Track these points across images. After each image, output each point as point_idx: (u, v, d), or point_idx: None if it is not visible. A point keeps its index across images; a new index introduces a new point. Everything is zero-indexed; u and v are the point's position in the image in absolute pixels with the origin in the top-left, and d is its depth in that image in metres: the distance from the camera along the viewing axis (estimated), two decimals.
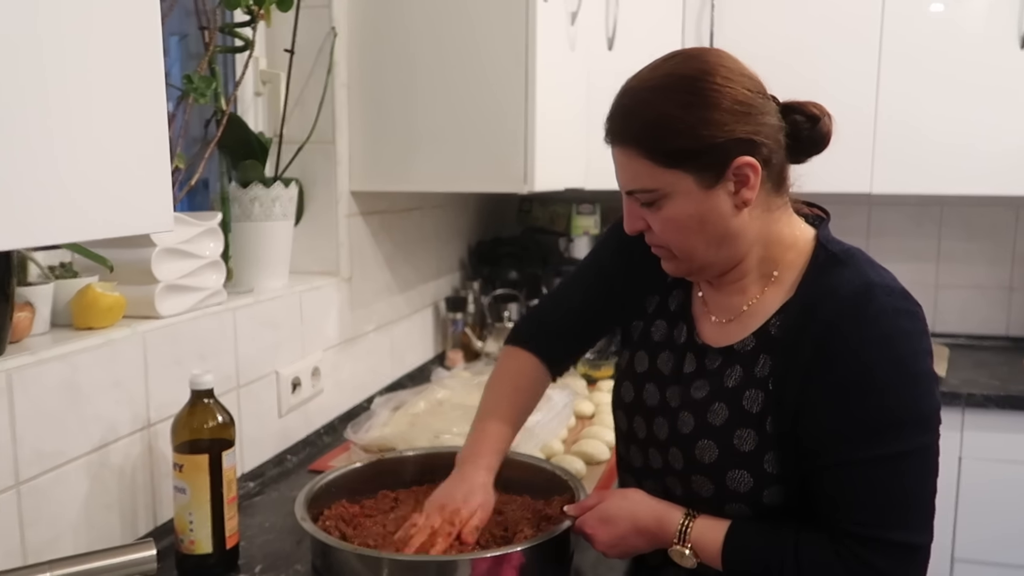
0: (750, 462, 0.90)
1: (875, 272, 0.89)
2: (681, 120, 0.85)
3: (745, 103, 0.86)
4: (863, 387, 0.84)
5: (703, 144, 0.85)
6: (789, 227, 0.94)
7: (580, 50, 1.99)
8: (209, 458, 1.02)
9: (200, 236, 1.25)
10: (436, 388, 1.72)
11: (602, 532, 0.98)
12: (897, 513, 0.84)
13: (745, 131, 0.86)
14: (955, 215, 2.52)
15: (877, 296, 0.85)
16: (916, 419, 0.84)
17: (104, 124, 0.52)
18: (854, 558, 0.84)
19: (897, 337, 0.84)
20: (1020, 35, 2.10)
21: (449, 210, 2.29)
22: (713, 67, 0.87)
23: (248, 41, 1.42)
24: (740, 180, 0.87)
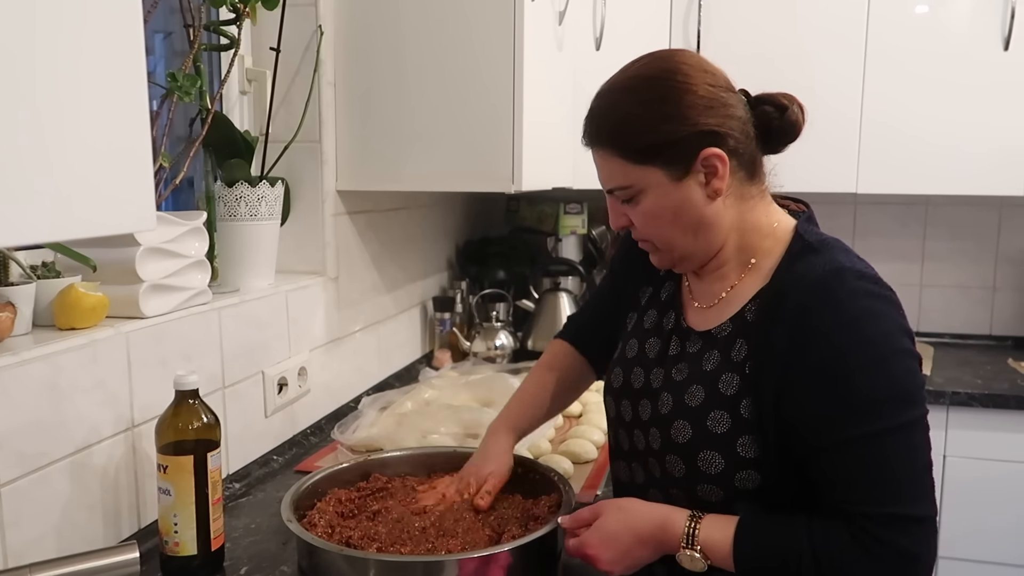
0: (723, 444, 0.91)
1: (847, 258, 0.90)
2: (644, 118, 0.90)
3: (706, 97, 0.90)
4: (839, 369, 0.85)
5: (667, 139, 0.90)
6: (767, 216, 0.97)
7: (567, 50, 1.99)
8: (194, 459, 1.01)
9: (185, 235, 1.24)
10: (424, 388, 1.71)
11: (604, 551, 0.94)
12: (895, 488, 0.84)
13: (708, 124, 0.89)
14: (939, 215, 2.54)
15: (847, 279, 0.86)
16: (898, 395, 0.85)
17: (86, 123, 0.52)
18: (869, 537, 0.83)
19: (868, 318, 0.85)
20: (1004, 36, 2.12)
21: (436, 210, 2.28)
22: (675, 65, 0.91)
23: (233, 39, 1.41)
24: (709, 171, 0.91)
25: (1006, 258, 2.50)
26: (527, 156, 1.60)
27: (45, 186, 0.49)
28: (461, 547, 1.02)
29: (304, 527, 1.03)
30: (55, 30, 0.50)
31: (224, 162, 1.44)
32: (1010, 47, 2.12)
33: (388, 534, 1.04)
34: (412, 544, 1.02)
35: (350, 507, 1.14)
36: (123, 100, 0.52)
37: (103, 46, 0.52)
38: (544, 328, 2.25)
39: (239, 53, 1.52)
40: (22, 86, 0.48)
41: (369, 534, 1.04)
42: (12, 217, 0.47)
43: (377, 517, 1.11)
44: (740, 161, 0.93)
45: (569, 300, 2.28)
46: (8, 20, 0.48)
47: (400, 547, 1.01)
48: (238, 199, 1.44)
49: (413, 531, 1.05)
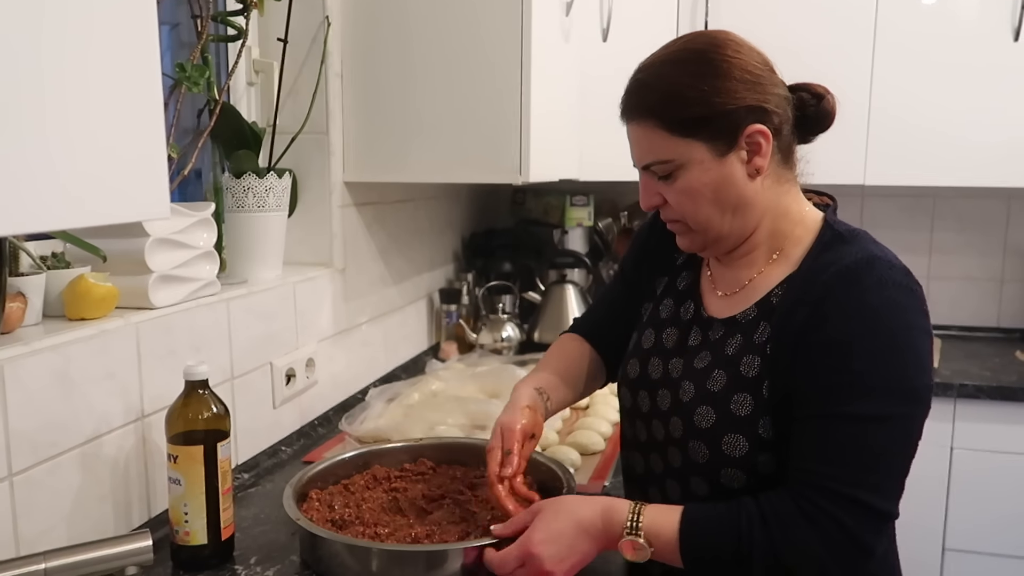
0: (745, 426, 0.90)
1: (879, 249, 0.90)
2: (694, 89, 0.88)
3: (754, 73, 0.90)
4: (852, 348, 0.84)
5: (715, 111, 0.88)
6: (797, 204, 0.97)
7: (574, 41, 1.98)
8: (204, 449, 1.02)
9: (193, 226, 1.24)
10: (430, 380, 1.72)
11: (548, 547, 0.89)
12: (868, 475, 0.83)
13: (755, 99, 0.89)
14: (947, 207, 2.53)
15: (877, 268, 0.86)
16: (902, 389, 0.84)
17: (100, 111, 0.52)
18: (818, 511, 0.82)
19: (890, 308, 0.85)
20: (1014, 27, 2.11)
21: (443, 201, 2.28)
22: (723, 41, 0.91)
23: (241, 30, 1.41)
24: (752, 148, 0.90)
25: (1014, 250, 2.49)
26: (534, 147, 1.60)
27: (58, 174, 0.49)
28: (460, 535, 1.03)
29: (309, 518, 1.04)
30: (67, 17, 0.50)
31: (232, 153, 1.44)
32: (1020, 37, 2.10)
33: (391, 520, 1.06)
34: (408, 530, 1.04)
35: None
36: (137, 87, 0.52)
37: (116, 33, 0.52)
38: (550, 320, 2.25)
39: (247, 44, 1.52)
40: (35, 73, 0.48)
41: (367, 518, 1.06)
42: (26, 205, 0.48)
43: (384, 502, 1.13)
44: (780, 143, 0.92)
45: (575, 292, 2.28)
46: (20, 6, 0.48)
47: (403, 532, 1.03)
48: (246, 190, 1.44)
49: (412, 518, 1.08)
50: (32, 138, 0.47)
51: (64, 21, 0.50)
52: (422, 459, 1.27)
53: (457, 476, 1.21)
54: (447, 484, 1.19)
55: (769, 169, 0.92)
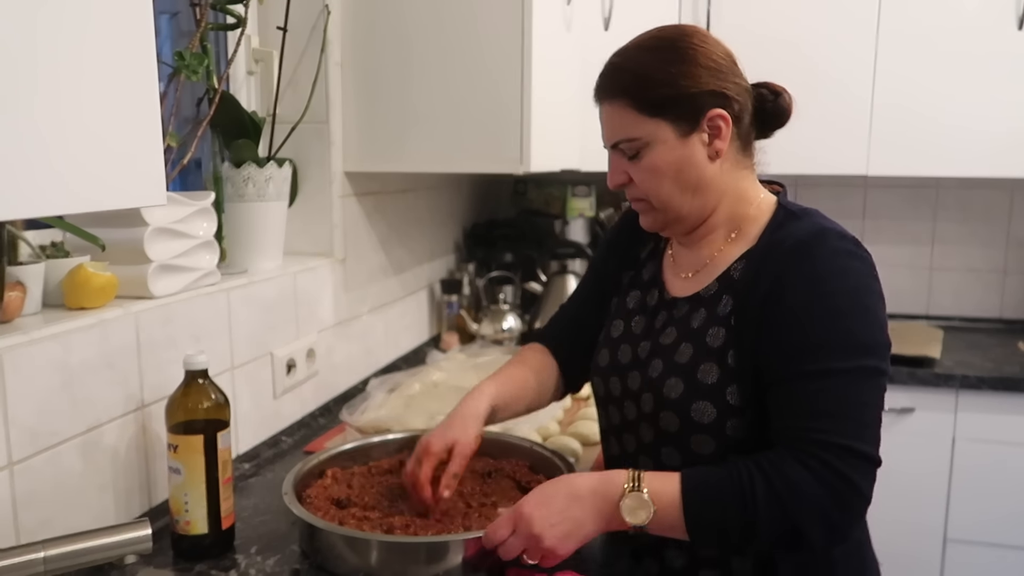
0: (713, 394, 0.94)
1: (828, 222, 0.96)
2: (663, 71, 0.95)
3: (718, 63, 0.96)
4: (812, 312, 0.90)
5: (681, 93, 0.95)
6: (754, 188, 1.03)
7: (576, 30, 1.97)
8: (204, 439, 1.01)
9: (193, 216, 1.24)
10: (431, 370, 1.71)
11: (536, 511, 0.88)
12: (850, 423, 0.87)
13: (718, 85, 0.96)
14: (950, 197, 2.52)
15: (829, 238, 0.93)
16: (860, 343, 0.89)
17: (95, 97, 0.51)
18: (820, 464, 0.85)
19: (843, 273, 0.91)
20: (1018, 16, 2.09)
21: (444, 192, 2.28)
22: (691, 32, 0.98)
23: (240, 18, 1.40)
24: (713, 131, 0.96)
25: (1017, 241, 2.48)
26: (535, 137, 1.59)
27: (54, 160, 0.49)
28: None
29: (307, 509, 1.04)
30: (62, 2, 0.49)
31: (232, 142, 1.44)
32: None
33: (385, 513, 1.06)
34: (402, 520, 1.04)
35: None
36: (132, 73, 0.52)
37: (112, 18, 0.51)
38: (552, 311, 2.24)
39: (246, 33, 1.51)
40: (30, 59, 0.47)
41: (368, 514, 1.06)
42: (22, 190, 0.47)
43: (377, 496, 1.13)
44: (739, 130, 0.99)
45: (577, 282, 2.28)
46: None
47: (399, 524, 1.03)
48: (246, 180, 1.43)
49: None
50: (27, 124, 0.47)
51: (60, 6, 0.49)
52: None
53: (476, 469, 1.21)
54: (466, 475, 1.18)
55: (728, 154, 0.98)
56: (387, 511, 1.07)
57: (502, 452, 1.25)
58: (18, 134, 0.47)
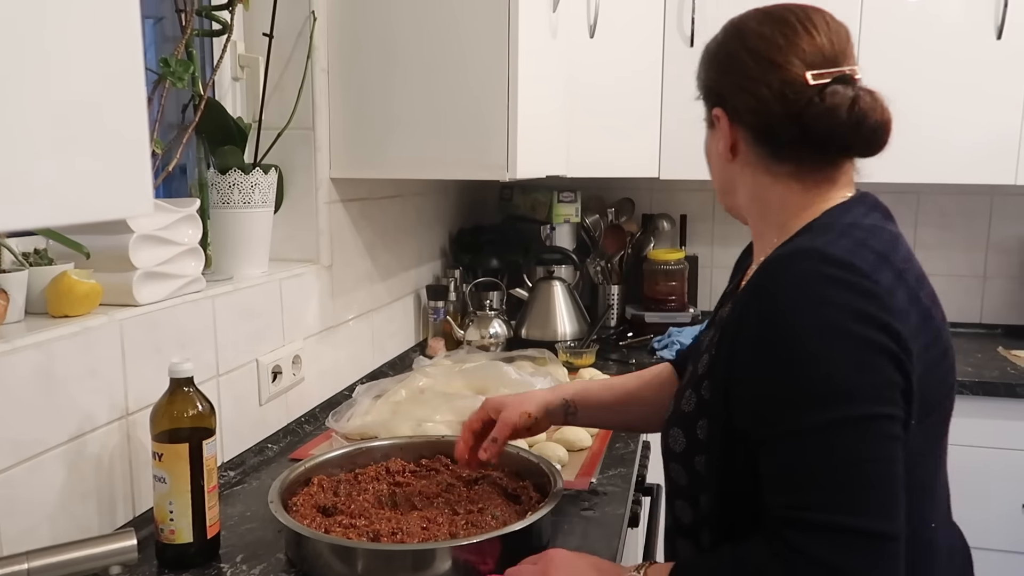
0: (686, 423, 0.90)
1: (827, 241, 0.80)
2: (701, 62, 0.97)
3: (735, 59, 0.90)
4: (770, 360, 0.77)
5: (701, 85, 0.97)
6: (799, 202, 0.89)
7: (562, 37, 1.98)
8: (189, 447, 1.01)
9: (178, 223, 1.23)
10: (418, 376, 1.71)
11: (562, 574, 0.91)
12: (841, 494, 0.72)
13: (717, 83, 0.93)
14: (931, 204, 2.55)
15: (800, 261, 0.78)
16: (832, 393, 0.74)
17: (80, 106, 0.51)
18: (789, 550, 0.73)
19: (807, 306, 0.75)
20: (997, 26, 2.12)
21: (430, 198, 2.28)
22: (737, 21, 0.94)
23: (226, 24, 1.40)
24: (719, 128, 0.94)
25: (997, 247, 2.51)
26: (521, 144, 1.60)
27: (37, 170, 0.49)
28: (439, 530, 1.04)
29: (293, 516, 1.04)
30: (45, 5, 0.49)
31: (217, 149, 1.43)
32: (1003, 36, 2.12)
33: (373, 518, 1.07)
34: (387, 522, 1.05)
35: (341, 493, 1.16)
36: (119, 80, 0.52)
37: (98, 23, 0.51)
38: (537, 317, 2.26)
39: (232, 39, 1.50)
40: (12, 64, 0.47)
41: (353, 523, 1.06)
42: (4, 201, 0.47)
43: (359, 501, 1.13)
44: (756, 136, 0.89)
45: (563, 289, 2.28)
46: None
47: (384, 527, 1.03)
48: (231, 186, 1.43)
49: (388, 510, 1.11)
50: (7, 132, 0.46)
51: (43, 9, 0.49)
52: (438, 456, 1.27)
53: (462, 476, 1.21)
54: (452, 482, 1.19)
55: (751, 158, 0.91)
56: (373, 519, 1.07)
57: None
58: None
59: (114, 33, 0.52)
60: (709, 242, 2.71)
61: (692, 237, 2.70)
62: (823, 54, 0.87)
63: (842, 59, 0.88)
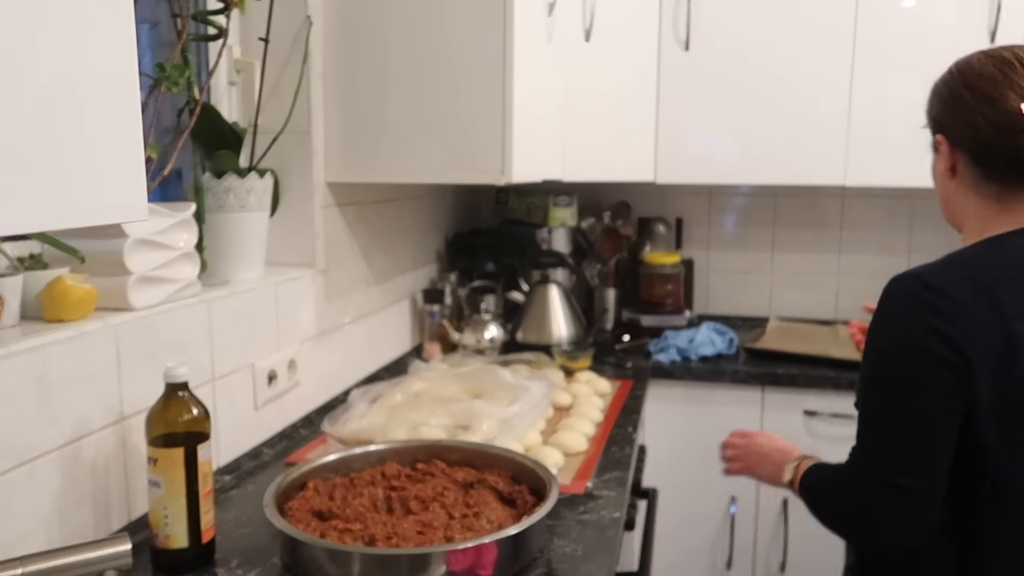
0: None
1: (932, 266, 1.02)
2: (929, 98, 1.13)
3: (953, 94, 1.06)
4: (866, 347, 1.04)
5: (928, 116, 1.13)
6: (991, 221, 1.05)
7: (557, 41, 1.99)
8: (184, 452, 1.01)
9: (173, 227, 1.23)
10: (413, 380, 1.71)
11: (763, 439, 1.29)
12: (867, 450, 1.01)
13: (940, 114, 1.09)
14: (925, 207, 2.56)
15: (900, 281, 1.01)
16: (873, 378, 1.02)
17: (75, 110, 0.51)
18: (842, 481, 1.05)
19: (880, 314, 1.01)
20: (990, 30, 2.13)
21: (426, 201, 2.28)
22: (961, 62, 1.08)
23: (222, 29, 1.40)
24: (941, 152, 1.10)
25: None
26: (517, 148, 1.60)
27: (32, 174, 0.49)
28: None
29: (289, 521, 1.04)
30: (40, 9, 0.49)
31: (212, 153, 1.43)
32: (996, 39, 2.13)
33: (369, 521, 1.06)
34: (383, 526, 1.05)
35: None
36: (113, 86, 0.52)
37: (93, 29, 0.52)
38: (533, 320, 2.26)
39: (228, 43, 1.51)
40: (6, 67, 0.47)
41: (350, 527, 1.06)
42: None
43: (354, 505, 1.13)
44: (973, 158, 1.05)
45: (558, 292, 2.28)
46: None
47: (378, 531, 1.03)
48: (227, 191, 1.43)
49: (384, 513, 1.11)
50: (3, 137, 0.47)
51: (38, 16, 0.49)
52: (434, 460, 1.27)
53: (458, 480, 1.21)
54: (448, 486, 1.19)
55: (966, 179, 1.06)
56: (369, 523, 1.07)
57: (485, 463, 1.25)
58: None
59: (109, 39, 0.53)
60: (705, 246, 2.71)
61: (688, 241, 2.70)
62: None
63: None
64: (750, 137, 2.28)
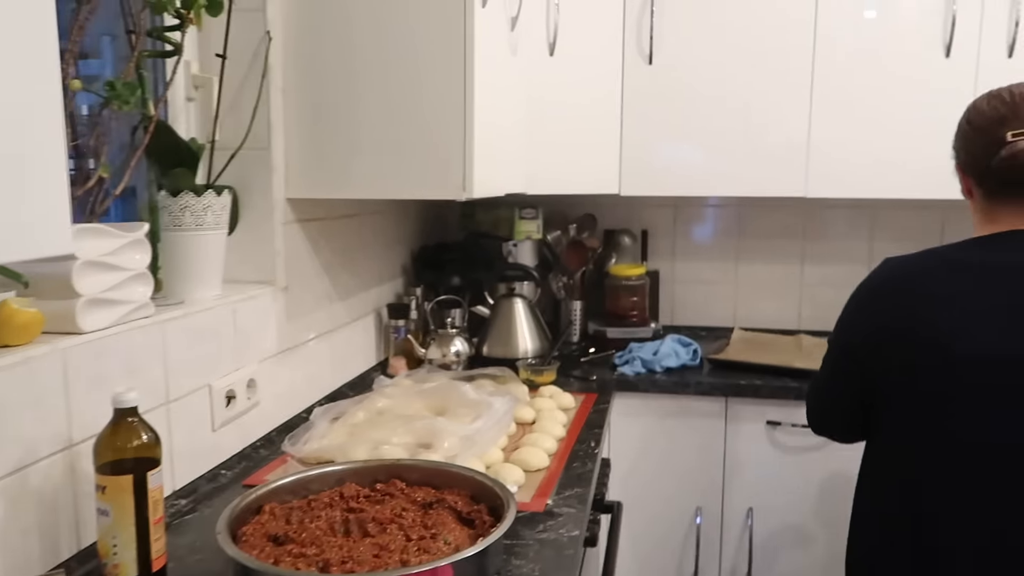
0: None
1: (903, 256, 1.28)
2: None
3: (962, 129, 1.28)
4: None
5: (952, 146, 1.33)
6: (984, 231, 1.26)
7: (521, 55, 1.99)
8: (133, 479, 0.99)
9: (125, 247, 1.21)
10: (377, 397, 1.70)
11: None
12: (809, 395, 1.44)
13: (955, 145, 1.31)
14: (886, 218, 2.60)
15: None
16: (831, 340, 1.36)
17: None
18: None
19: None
20: (945, 44, 2.18)
21: (390, 216, 2.27)
22: (972, 101, 1.28)
23: (177, 45, 1.39)
24: (959, 176, 1.32)
25: None
26: (479, 163, 1.60)
27: None
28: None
29: (243, 547, 1.02)
30: None
31: (168, 171, 1.41)
32: (951, 54, 2.18)
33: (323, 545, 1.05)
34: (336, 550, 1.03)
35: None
36: (32, 115, 0.51)
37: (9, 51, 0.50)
38: (499, 334, 2.25)
39: (186, 59, 1.49)
40: None
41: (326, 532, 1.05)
42: None
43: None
44: (976, 181, 1.26)
45: (524, 306, 2.29)
46: None
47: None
48: (183, 209, 1.41)
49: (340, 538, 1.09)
50: None
51: None
52: (393, 480, 1.25)
53: (417, 500, 1.20)
54: (406, 506, 1.18)
55: (977, 197, 1.27)
56: (325, 547, 1.06)
57: (444, 482, 1.24)
58: None
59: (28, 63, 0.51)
60: (671, 257, 2.73)
61: (653, 252, 2.72)
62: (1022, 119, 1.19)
63: None
64: (713, 149, 2.30)
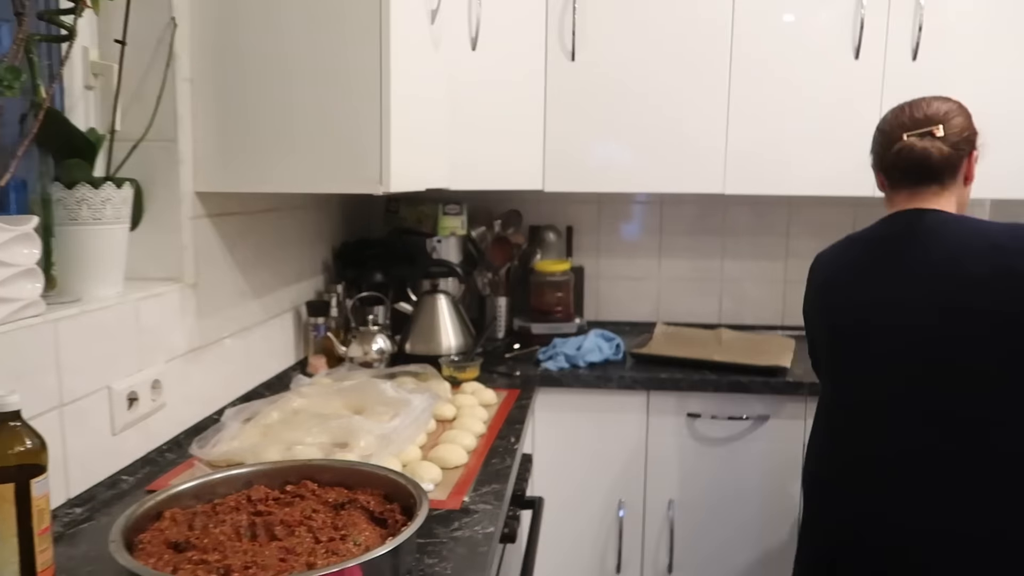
0: None
1: (841, 240, 1.62)
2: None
3: (875, 134, 1.54)
4: None
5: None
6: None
7: (443, 50, 1.97)
8: (16, 487, 0.93)
9: (11, 242, 1.14)
10: (292, 397, 1.65)
11: None
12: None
13: (872, 148, 1.55)
14: (801, 215, 2.68)
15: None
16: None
17: None
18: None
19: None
20: (855, 46, 2.25)
21: (311, 211, 2.22)
22: (885, 113, 1.52)
23: (70, 29, 1.31)
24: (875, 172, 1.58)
25: None
26: (396, 156, 1.57)
27: None
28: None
29: (139, 556, 0.97)
30: None
31: (62, 162, 1.34)
32: (860, 55, 2.25)
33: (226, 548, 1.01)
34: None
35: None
36: None
37: None
38: (422, 331, 2.23)
39: (84, 45, 1.41)
40: None
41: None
42: None
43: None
44: (884, 174, 1.52)
45: (447, 302, 2.27)
46: None
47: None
48: (79, 202, 1.34)
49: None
50: None
51: None
52: (305, 481, 1.21)
53: (328, 500, 1.17)
54: (317, 508, 1.14)
55: (886, 187, 1.54)
56: (228, 552, 1.02)
57: (357, 482, 1.21)
58: None
59: None
60: (595, 253, 2.75)
61: (578, 248, 2.74)
62: (916, 121, 1.43)
63: (930, 123, 1.42)
64: (636, 146, 2.33)
